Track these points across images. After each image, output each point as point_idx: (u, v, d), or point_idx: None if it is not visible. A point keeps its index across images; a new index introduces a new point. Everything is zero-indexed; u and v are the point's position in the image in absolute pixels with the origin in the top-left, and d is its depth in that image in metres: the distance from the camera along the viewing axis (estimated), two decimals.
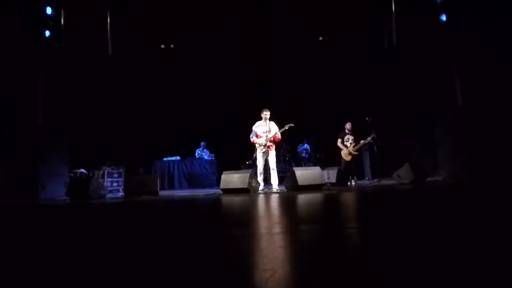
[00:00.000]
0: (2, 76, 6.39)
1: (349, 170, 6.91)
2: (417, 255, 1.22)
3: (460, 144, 6.51)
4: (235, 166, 7.82)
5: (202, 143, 10.06)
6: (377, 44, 8.91)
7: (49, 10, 7.30)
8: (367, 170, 8.77)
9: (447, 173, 6.72)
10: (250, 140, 6.24)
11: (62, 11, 7.59)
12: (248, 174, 5.77)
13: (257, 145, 6.13)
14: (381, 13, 8.43)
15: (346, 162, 6.89)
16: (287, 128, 6.02)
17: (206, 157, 9.86)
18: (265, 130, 6.07)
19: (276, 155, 6.37)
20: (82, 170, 7.72)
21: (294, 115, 6.93)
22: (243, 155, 8.79)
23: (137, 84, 9.77)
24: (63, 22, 7.59)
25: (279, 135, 6.03)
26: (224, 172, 6.07)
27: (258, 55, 9.70)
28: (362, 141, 6.82)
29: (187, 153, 10.01)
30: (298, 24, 9.17)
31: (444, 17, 6.98)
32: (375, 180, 7.51)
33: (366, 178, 8.52)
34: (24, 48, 6.72)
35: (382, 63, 9.03)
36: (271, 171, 6.03)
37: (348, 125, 7.08)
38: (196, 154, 9.96)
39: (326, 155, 9.17)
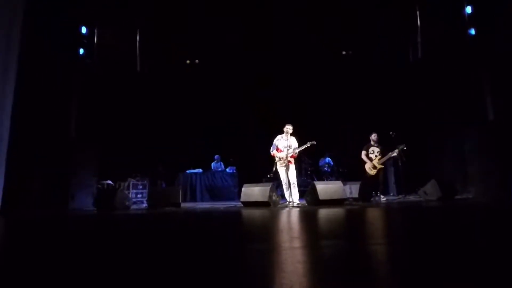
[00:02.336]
0: (39, 91, 6.84)
1: (373, 185, 6.52)
2: (443, 277, 1.18)
3: (492, 161, 6.19)
4: (256, 179, 7.84)
5: (216, 156, 10.19)
6: (401, 57, 8.78)
7: (84, 30, 7.83)
8: (392, 185, 8.49)
9: (478, 191, 6.38)
10: (270, 153, 6.25)
11: (96, 30, 8.10)
12: (269, 187, 5.77)
13: (277, 159, 6.14)
14: (406, 26, 8.34)
15: (370, 176, 6.53)
16: (308, 145, 5.96)
17: (221, 169, 9.96)
18: (286, 145, 6.07)
19: (298, 169, 6.33)
20: (109, 182, 8.03)
21: (317, 129, 6.89)
22: (264, 168, 8.81)
23: (162, 99, 10.13)
24: (96, 40, 8.09)
25: (296, 153, 6.01)
26: (245, 185, 6.10)
27: (285, 69, 9.82)
28: (389, 153, 6.44)
29: (210, 165, 10.19)
30: (324, 39, 9.23)
31: (472, 31, 6.80)
32: (400, 196, 7.26)
33: (391, 194, 8.25)
34: (60, 66, 7.18)
35: (407, 77, 8.86)
36: (292, 186, 5.98)
37: (373, 136, 6.69)
38: (213, 167, 10.07)
39: (348, 169, 9.00)
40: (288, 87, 9.99)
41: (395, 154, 6.46)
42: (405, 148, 6.38)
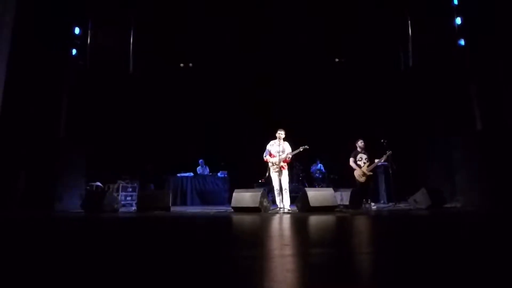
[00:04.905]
0: (29, 90, 6.72)
1: (364, 192, 6.55)
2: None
3: (479, 171, 6.30)
4: (248, 184, 7.80)
5: (200, 161, 10.15)
6: (393, 66, 8.92)
7: (77, 30, 7.76)
8: (382, 193, 8.56)
9: (466, 200, 6.48)
10: (263, 159, 6.25)
11: (89, 31, 8.02)
12: (260, 193, 5.75)
13: (270, 164, 6.13)
14: (397, 35, 8.48)
15: (361, 183, 6.53)
16: (301, 150, 5.98)
17: (207, 173, 9.95)
18: (278, 150, 6.07)
19: (289, 175, 6.33)
20: (98, 183, 7.90)
21: (310, 135, 6.91)
22: (256, 174, 8.79)
23: (154, 101, 10.07)
24: (89, 42, 8.01)
25: (289, 157, 6.03)
26: (235, 190, 6.07)
27: (279, 75, 9.86)
28: (376, 160, 6.45)
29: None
30: (317, 47, 9.32)
31: (462, 42, 6.96)
32: (390, 203, 7.31)
33: (381, 202, 8.31)
34: (52, 66, 7.09)
35: (398, 85, 8.99)
36: (283, 191, 5.98)
37: (360, 143, 6.70)
38: (198, 171, 10.02)
39: (339, 176, 9.04)
40: (282, 92, 10.04)
41: (382, 160, 6.49)
42: (390, 153, 6.40)
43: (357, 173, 6.57)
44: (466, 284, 1.19)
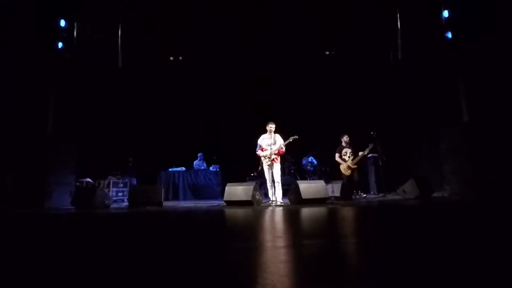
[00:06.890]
0: (15, 85, 6.57)
1: (352, 184, 6.86)
2: (421, 275, 1.22)
3: (466, 161, 6.46)
4: (240, 178, 7.83)
5: (199, 154, 10.15)
6: (382, 59, 8.98)
7: (62, 23, 7.57)
8: (372, 184, 8.72)
9: (453, 190, 6.64)
10: (256, 153, 6.29)
11: (75, 23, 7.83)
12: (252, 186, 5.79)
13: (262, 158, 6.17)
14: (386, 29, 8.53)
15: (347, 176, 6.88)
16: (291, 140, 6.03)
17: (203, 168, 9.92)
18: (269, 143, 6.11)
19: (281, 168, 6.39)
20: (88, 180, 7.82)
21: (301, 128, 6.95)
22: (248, 167, 8.82)
23: (144, 96, 9.94)
24: (76, 34, 7.82)
25: (283, 148, 6.08)
26: (228, 184, 6.09)
27: (267, 70, 9.82)
28: (360, 153, 6.82)
29: (192, 164, 10.10)
30: (307, 39, 9.31)
31: (449, 34, 7.06)
32: (380, 194, 7.45)
33: (371, 193, 8.46)
34: (37, 59, 6.92)
35: (388, 78, 9.07)
36: (276, 184, 6.04)
37: (345, 138, 7.06)
38: (195, 165, 10.01)
39: (331, 169, 9.14)
40: (273, 86, 10.03)
41: (365, 153, 6.80)
42: (371, 146, 6.69)
43: (342, 167, 6.98)
44: (452, 275, 1.24)
